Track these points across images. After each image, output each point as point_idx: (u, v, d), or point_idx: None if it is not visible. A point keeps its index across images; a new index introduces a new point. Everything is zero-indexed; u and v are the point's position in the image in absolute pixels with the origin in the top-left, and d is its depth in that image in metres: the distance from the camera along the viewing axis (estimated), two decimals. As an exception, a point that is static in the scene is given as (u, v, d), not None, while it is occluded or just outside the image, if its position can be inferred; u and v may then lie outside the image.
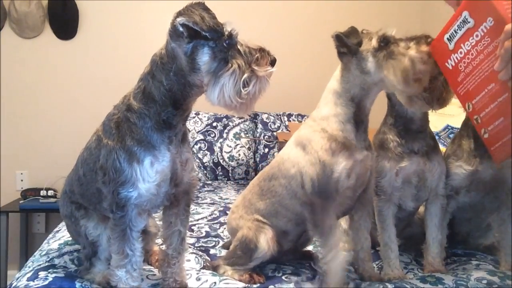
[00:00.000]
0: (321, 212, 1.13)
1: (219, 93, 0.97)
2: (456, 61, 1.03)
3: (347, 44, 1.13)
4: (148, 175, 1.02)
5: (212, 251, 1.47)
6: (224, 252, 1.43)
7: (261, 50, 1.00)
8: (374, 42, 1.11)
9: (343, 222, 1.50)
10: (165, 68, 1.02)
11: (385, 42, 1.11)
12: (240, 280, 1.21)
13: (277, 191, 1.25)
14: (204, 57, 0.98)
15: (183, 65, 1.00)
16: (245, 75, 0.96)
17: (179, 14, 0.96)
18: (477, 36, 0.95)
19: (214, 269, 1.29)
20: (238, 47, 0.99)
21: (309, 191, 1.15)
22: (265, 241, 1.23)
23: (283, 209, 1.25)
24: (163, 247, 1.21)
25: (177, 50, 1.00)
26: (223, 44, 0.97)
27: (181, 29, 0.96)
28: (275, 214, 1.27)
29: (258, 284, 1.20)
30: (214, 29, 0.95)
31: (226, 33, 0.97)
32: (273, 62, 1.01)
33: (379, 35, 1.12)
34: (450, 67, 1.05)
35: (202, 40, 0.97)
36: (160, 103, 1.03)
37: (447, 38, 1.05)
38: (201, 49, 0.97)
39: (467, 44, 0.98)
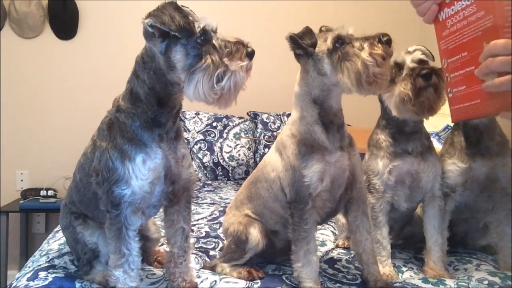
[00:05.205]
0: (297, 217, 1.13)
1: (194, 89, 0.97)
2: (447, 16, 1.01)
3: (302, 46, 1.10)
4: (141, 172, 1.03)
5: (211, 253, 1.47)
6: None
7: (238, 43, 0.99)
8: (328, 43, 1.08)
9: (341, 217, 1.50)
10: (146, 67, 1.03)
11: (340, 43, 1.08)
12: (239, 277, 1.21)
13: (261, 194, 1.26)
14: (178, 55, 0.98)
15: (161, 63, 1.01)
16: (219, 70, 0.95)
17: (149, 15, 0.97)
18: (468, 0, 0.94)
19: (212, 269, 1.29)
20: (214, 42, 0.98)
21: (288, 196, 1.16)
22: (255, 233, 1.24)
23: (268, 212, 1.26)
24: (167, 248, 1.21)
25: (153, 49, 1.01)
26: (197, 41, 0.97)
27: (150, 29, 0.97)
28: (263, 215, 1.28)
29: (258, 282, 1.20)
30: (183, 28, 0.94)
31: (199, 29, 0.97)
32: (249, 54, 0.99)
33: (333, 36, 1.08)
34: (441, 19, 1.03)
35: (174, 39, 0.97)
36: (146, 102, 1.03)
37: None
38: (174, 47, 0.97)
39: (459, 4, 0.96)
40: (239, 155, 2.94)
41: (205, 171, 2.92)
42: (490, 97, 0.88)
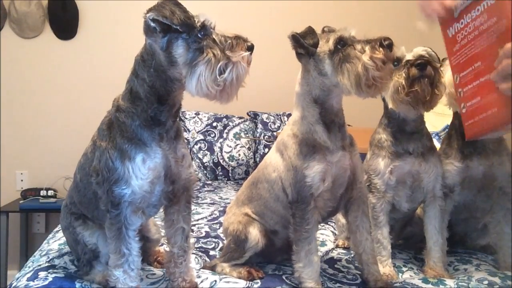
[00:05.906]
0: (299, 217, 1.13)
1: (196, 83, 0.97)
2: (456, 30, 1.01)
3: (304, 45, 1.11)
4: (141, 172, 1.03)
5: (211, 253, 1.47)
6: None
7: (237, 37, 1.00)
8: (330, 44, 1.09)
9: (341, 217, 1.50)
10: (146, 65, 1.03)
11: (342, 44, 1.08)
12: (239, 277, 1.21)
13: (262, 194, 1.27)
14: (179, 49, 0.98)
15: (161, 60, 1.01)
16: (221, 63, 0.97)
17: (150, 10, 0.98)
18: (478, 10, 0.94)
19: (212, 269, 1.30)
20: (213, 36, 1.00)
21: (289, 196, 1.16)
22: (255, 232, 1.25)
23: (269, 212, 1.26)
24: (167, 248, 1.21)
25: (154, 46, 1.01)
26: (198, 35, 0.98)
27: (152, 24, 0.97)
28: (263, 215, 1.28)
29: (258, 282, 1.20)
30: (185, 22, 0.96)
31: (199, 24, 0.98)
32: (250, 48, 1.00)
33: (335, 37, 1.09)
34: (450, 35, 1.04)
35: (175, 33, 0.98)
36: (146, 100, 1.04)
37: (455, 6, 1.02)
38: (175, 42, 0.98)
39: (468, 17, 0.96)
40: (239, 155, 2.94)
41: (205, 171, 2.92)
42: (508, 103, 0.86)
